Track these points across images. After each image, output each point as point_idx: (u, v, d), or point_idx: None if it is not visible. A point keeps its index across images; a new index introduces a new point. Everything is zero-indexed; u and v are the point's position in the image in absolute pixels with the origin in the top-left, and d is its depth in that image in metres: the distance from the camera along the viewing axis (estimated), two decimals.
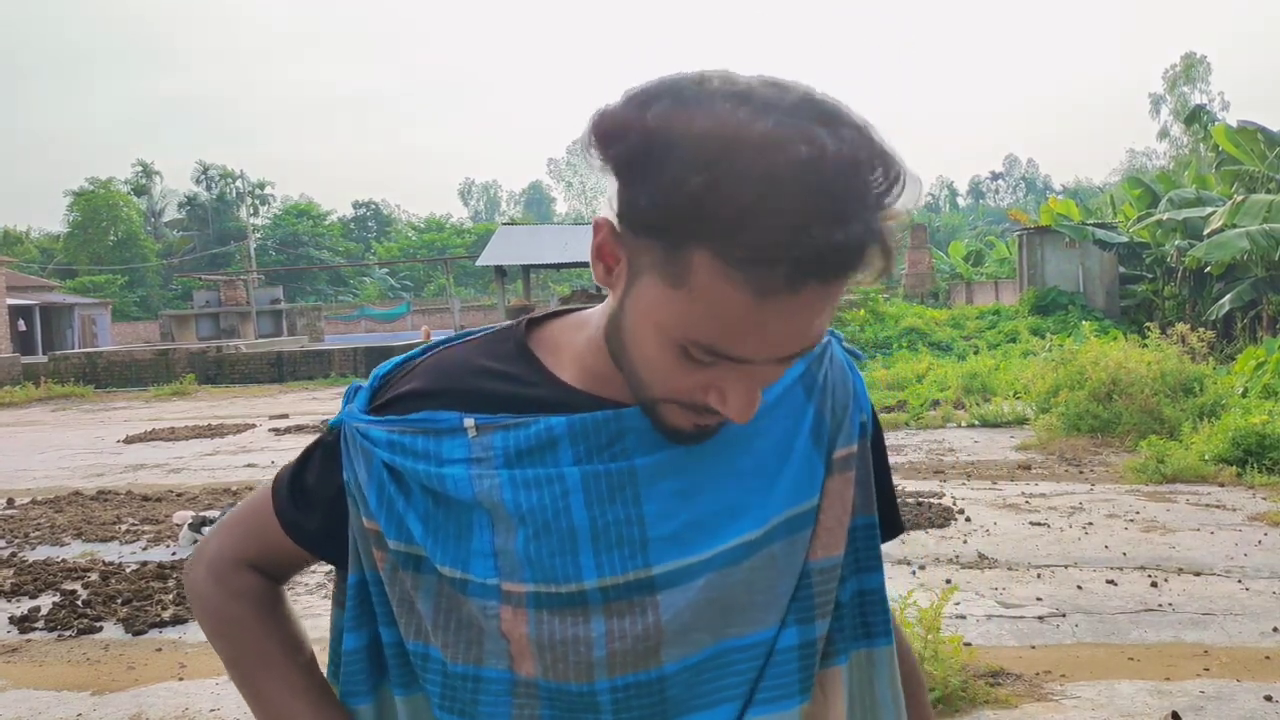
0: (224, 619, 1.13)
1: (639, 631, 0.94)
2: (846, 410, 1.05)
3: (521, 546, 0.95)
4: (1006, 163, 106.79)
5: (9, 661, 5.10)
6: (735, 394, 0.88)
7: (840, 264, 0.79)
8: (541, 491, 0.95)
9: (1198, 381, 10.78)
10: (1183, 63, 54.25)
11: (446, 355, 1.05)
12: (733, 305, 0.80)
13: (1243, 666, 4.34)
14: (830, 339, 1.06)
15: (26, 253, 60.83)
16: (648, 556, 0.95)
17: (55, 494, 9.77)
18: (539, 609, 0.95)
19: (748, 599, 0.97)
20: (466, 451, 0.96)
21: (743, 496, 0.98)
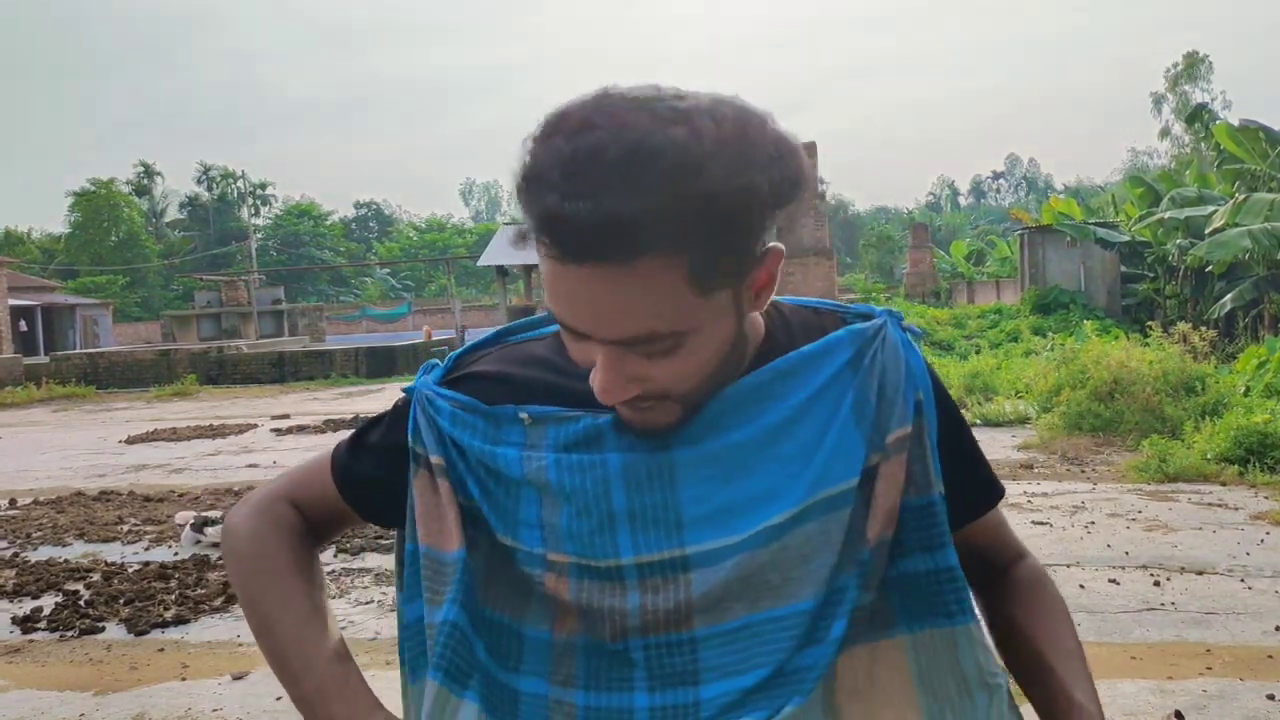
0: (252, 545, 1.15)
1: (671, 605, 0.99)
2: (899, 390, 1.04)
3: (566, 523, 1.01)
4: (1008, 162, 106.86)
5: (11, 662, 5.10)
6: (598, 368, 0.94)
7: (578, 238, 0.84)
8: (585, 475, 1.01)
9: (1199, 380, 10.77)
10: (1184, 61, 54.18)
11: (516, 346, 1.13)
12: (547, 273, 0.90)
13: (1245, 666, 4.33)
14: (887, 319, 1.08)
15: (28, 253, 60.84)
16: (682, 537, 1.00)
17: (57, 494, 9.77)
18: (580, 578, 1.01)
19: (780, 576, 1.00)
20: (521, 438, 1.04)
21: (781, 481, 1.00)
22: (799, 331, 1.08)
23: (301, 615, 1.11)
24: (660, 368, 0.94)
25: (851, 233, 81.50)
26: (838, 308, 1.13)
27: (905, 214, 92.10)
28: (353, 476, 1.15)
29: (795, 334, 1.07)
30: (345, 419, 15.34)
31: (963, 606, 1.07)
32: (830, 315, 1.11)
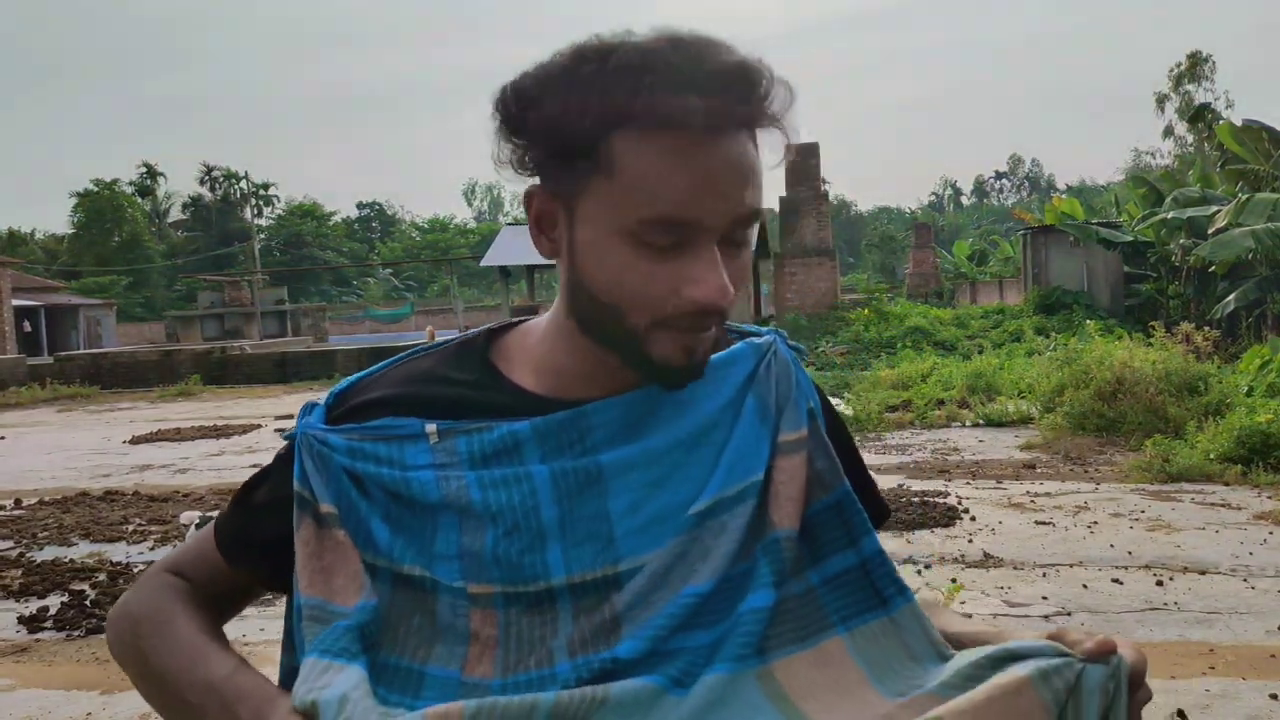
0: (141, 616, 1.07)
1: (597, 625, 0.96)
2: (789, 398, 1.06)
3: (491, 546, 0.96)
4: (1010, 162, 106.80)
5: (18, 661, 5.12)
6: (705, 271, 0.92)
7: (731, 92, 0.88)
8: (510, 490, 0.97)
9: (1202, 380, 10.77)
10: (1188, 61, 54.10)
11: (411, 365, 1.08)
12: (664, 163, 0.88)
13: (1248, 665, 4.34)
14: (775, 339, 1.11)
15: (31, 254, 60.90)
16: (616, 551, 0.97)
17: (62, 494, 9.79)
18: (508, 608, 0.96)
19: (687, 568, 0.98)
20: (430, 458, 0.99)
21: (700, 483, 1.00)
22: None
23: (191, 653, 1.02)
24: (735, 266, 0.95)
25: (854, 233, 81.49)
26: (728, 326, 1.13)
27: (908, 214, 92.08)
28: (242, 542, 1.08)
29: None
30: None
31: (899, 588, 1.03)
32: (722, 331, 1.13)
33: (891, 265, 59.55)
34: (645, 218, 0.90)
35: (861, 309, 23.60)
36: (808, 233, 25.02)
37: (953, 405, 12.91)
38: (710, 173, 0.89)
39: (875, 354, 19.98)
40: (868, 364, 18.78)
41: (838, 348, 20.67)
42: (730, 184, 0.90)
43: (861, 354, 20.25)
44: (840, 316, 23.33)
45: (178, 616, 1.05)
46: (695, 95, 0.87)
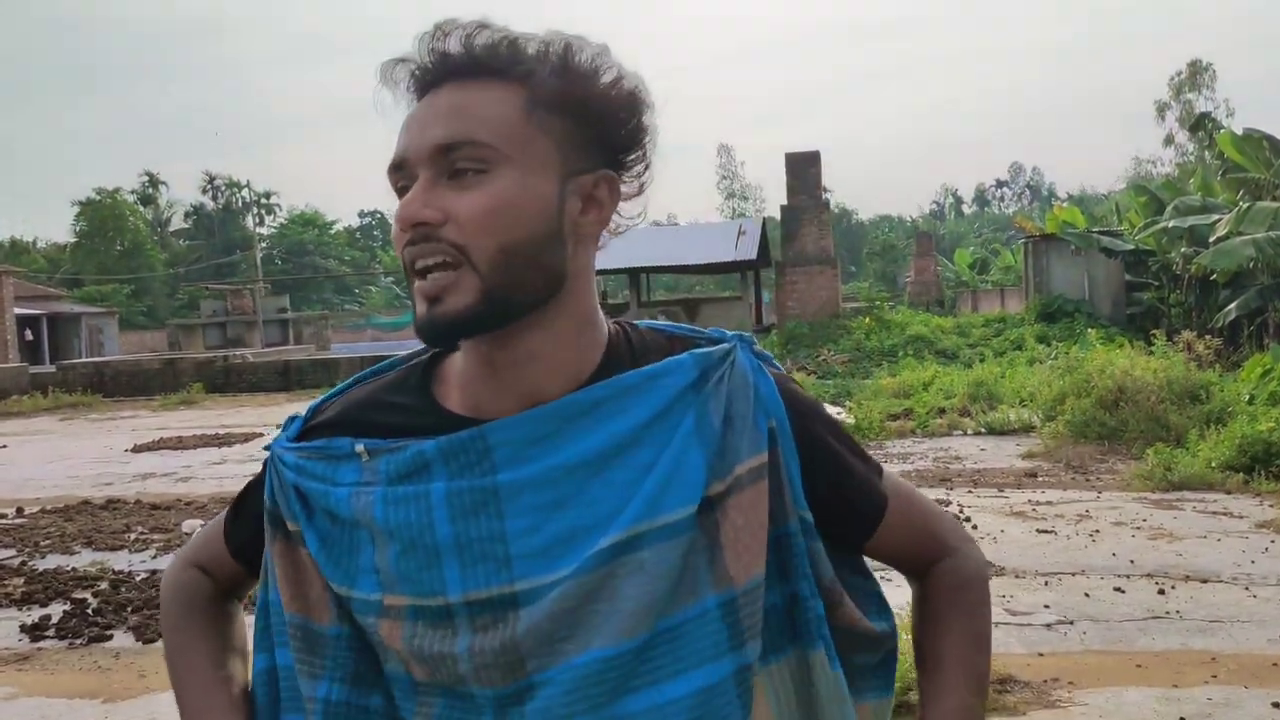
0: (165, 612, 1.22)
1: (498, 646, 0.96)
2: (747, 419, 1.01)
3: (393, 561, 0.99)
4: (1011, 170, 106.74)
5: (21, 670, 5.12)
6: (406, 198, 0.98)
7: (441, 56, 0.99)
8: (408, 508, 0.99)
9: (1204, 389, 10.79)
10: (1188, 69, 54.19)
11: (357, 391, 1.12)
12: (401, 128, 1.01)
13: (1250, 673, 4.34)
14: (737, 345, 1.06)
15: (33, 262, 60.90)
16: (511, 572, 0.97)
17: (64, 503, 9.80)
18: (415, 621, 0.99)
19: (611, 608, 0.95)
20: (358, 476, 1.03)
21: (615, 508, 0.97)
22: (642, 352, 1.05)
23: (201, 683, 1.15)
24: (465, 198, 0.95)
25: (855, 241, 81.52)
26: (692, 333, 1.10)
27: (909, 222, 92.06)
28: (240, 541, 1.17)
29: (638, 354, 1.05)
30: None
31: (819, 630, 1.05)
32: (682, 340, 1.08)
33: (893, 274, 59.54)
34: (386, 170, 1.01)
35: (863, 317, 23.62)
36: (809, 241, 25.05)
37: (954, 414, 12.91)
38: (415, 117, 0.99)
39: (877, 362, 19.99)
40: (869, 372, 18.80)
41: (839, 356, 20.68)
42: (428, 121, 0.98)
43: (863, 362, 20.27)
44: (842, 325, 23.34)
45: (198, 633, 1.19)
46: (409, 64, 1.01)
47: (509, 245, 0.95)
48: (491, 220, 0.95)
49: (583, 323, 1.03)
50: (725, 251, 25.23)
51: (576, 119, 0.99)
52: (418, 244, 0.95)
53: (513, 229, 0.95)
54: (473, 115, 0.96)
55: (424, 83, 1.01)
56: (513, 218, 0.95)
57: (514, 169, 0.96)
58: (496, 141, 0.95)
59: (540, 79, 0.98)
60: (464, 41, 0.98)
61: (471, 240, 0.94)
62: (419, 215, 0.95)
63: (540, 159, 0.97)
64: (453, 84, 0.98)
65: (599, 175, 1.01)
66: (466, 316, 0.95)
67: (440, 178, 0.96)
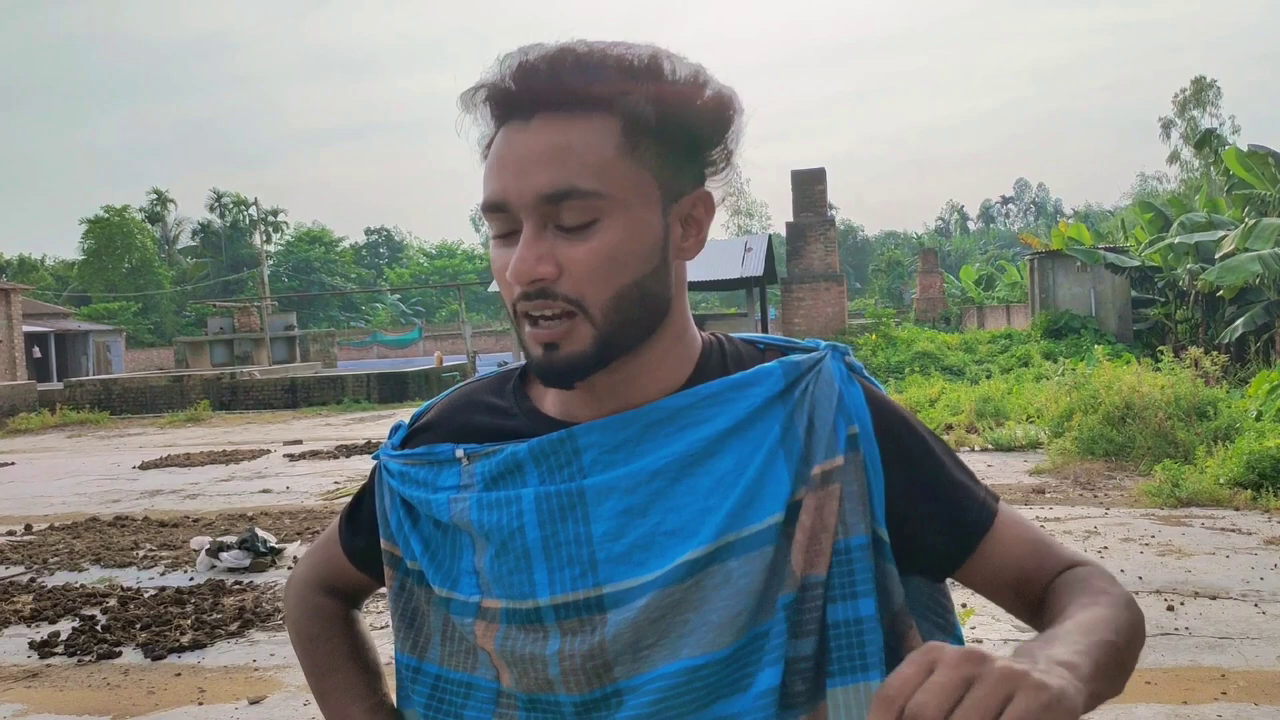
0: (301, 635, 1.25)
1: (586, 650, 0.97)
2: (828, 423, 1.00)
3: (489, 564, 1.02)
4: (1017, 187, 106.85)
5: (29, 686, 5.13)
6: (518, 251, 0.94)
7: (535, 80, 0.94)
8: (501, 512, 1.01)
9: (1211, 405, 10.76)
10: (1193, 86, 54.30)
11: (458, 393, 1.15)
12: (491, 153, 0.97)
13: (1260, 690, 4.33)
14: (829, 353, 1.05)
15: (42, 280, 61.22)
16: (598, 576, 0.98)
17: (73, 520, 9.83)
18: (509, 624, 1.01)
19: (699, 618, 0.96)
20: (458, 479, 1.05)
21: (698, 515, 0.97)
22: (735, 362, 1.06)
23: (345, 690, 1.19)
24: (578, 250, 0.93)
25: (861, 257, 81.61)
26: (786, 343, 1.10)
27: (914, 239, 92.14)
28: (359, 551, 1.20)
29: (730, 364, 1.05)
30: (357, 444, 15.39)
31: (866, 663, 0.99)
32: (774, 350, 1.08)
33: (899, 290, 59.53)
34: (481, 206, 0.98)
35: (869, 333, 23.64)
36: (815, 258, 25.10)
37: (961, 430, 12.89)
38: (509, 155, 0.94)
39: (883, 378, 19.98)
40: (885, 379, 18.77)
41: None
42: (527, 163, 0.93)
43: None
44: (848, 341, 23.35)
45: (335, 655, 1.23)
46: (499, 88, 0.95)
47: (623, 291, 0.95)
48: (605, 270, 0.94)
49: (677, 337, 1.03)
50: (731, 268, 25.24)
51: (672, 142, 0.97)
52: (533, 299, 0.94)
53: (625, 273, 0.95)
54: (574, 159, 0.92)
55: (508, 109, 0.96)
56: (624, 263, 0.95)
57: (621, 211, 0.94)
58: (602, 187, 0.93)
59: (635, 108, 0.94)
60: (553, 70, 0.93)
61: (586, 292, 0.94)
62: (535, 272, 0.93)
63: (644, 194, 0.95)
64: (545, 116, 0.94)
65: (696, 195, 1.00)
66: (584, 362, 0.96)
67: (547, 225, 0.94)
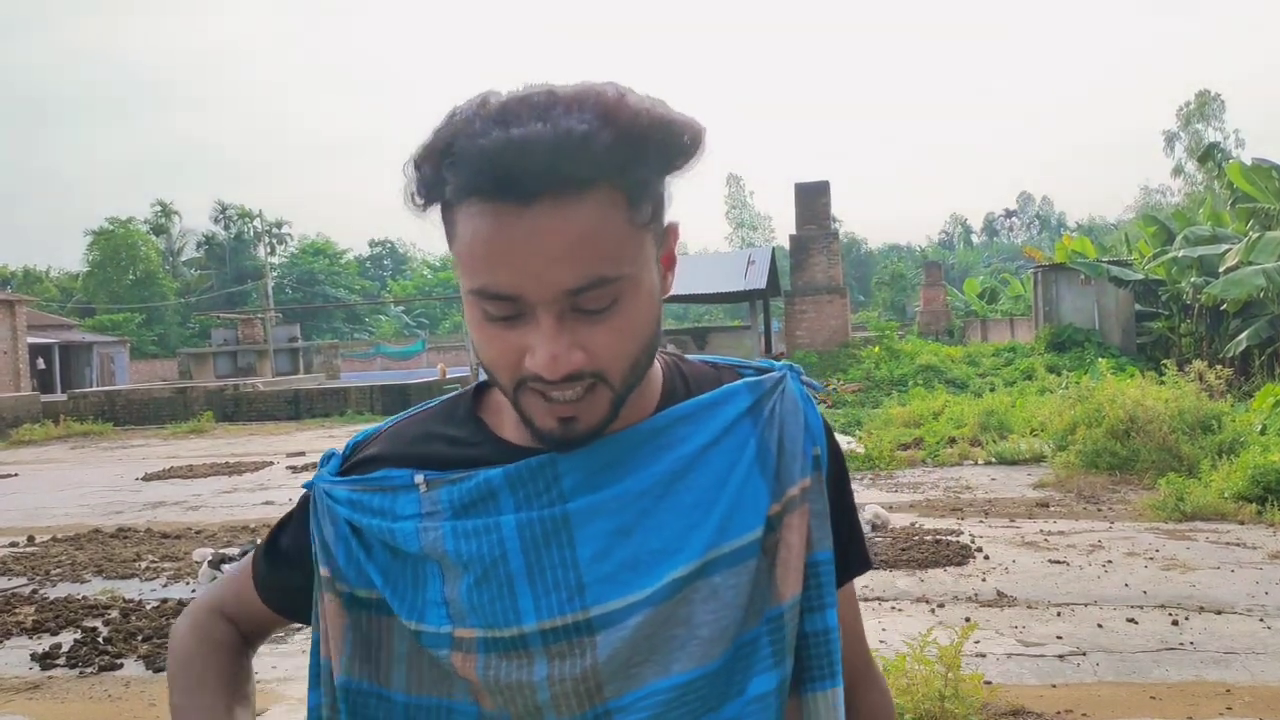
0: (181, 651, 1.18)
1: (578, 673, 0.96)
2: (797, 443, 1.04)
3: (465, 594, 0.98)
4: (1020, 200, 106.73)
5: (31, 699, 5.12)
6: (539, 341, 0.89)
7: (534, 163, 0.83)
8: (480, 540, 0.98)
9: (1216, 419, 10.75)
10: (1196, 100, 54.37)
11: (404, 424, 1.11)
12: (477, 235, 0.87)
13: (1266, 706, 4.31)
14: (787, 374, 1.09)
15: (46, 291, 61.34)
16: (585, 599, 0.97)
17: (75, 531, 9.82)
18: (488, 653, 0.98)
19: (688, 633, 0.97)
20: (418, 507, 1.01)
21: (682, 532, 0.98)
22: (695, 382, 1.08)
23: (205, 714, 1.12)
24: (600, 331, 0.91)
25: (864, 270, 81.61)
26: (737, 363, 1.13)
27: (918, 251, 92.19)
28: (271, 584, 1.15)
29: (692, 385, 1.07)
30: None
31: (835, 669, 1.06)
32: (728, 370, 1.11)
33: (902, 303, 59.53)
34: (471, 289, 0.90)
35: (872, 346, 23.63)
36: (818, 270, 25.10)
37: (965, 443, 12.87)
38: (517, 246, 0.86)
39: (886, 391, 19.97)
40: (879, 401, 18.78)
41: (849, 385, 20.66)
42: (545, 258, 0.86)
43: (873, 391, 20.25)
44: (851, 354, 23.35)
45: (212, 686, 1.15)
46: (493, 164, 0.84)
47: (638, 354, 0.95)
48: (627, 343, 0.94)
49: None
50: (734, 281, 25.24)
51: (659, 192, 0.95)
52: (559, 384, 0.91)
53: (641, 338, 0.95)
54: (594, 248, 0.88)
55: (499, 189, 0.86)
56: (641, 333, 0.95)
57: (635, 286, 0.93)
58: (622, 270, 0.90)
59: (634, 177, 0.89)
60: (556, 151, 0.84)
61: (610, 366, 0.93)
62: (571, 365, 0.90)
63: (648, 259, 0.94)
64: (550, 201, 0.85)
65: (670, 231, 1.00)
66: (602, 428, 0.95)
67: (566, 312, 0.90)
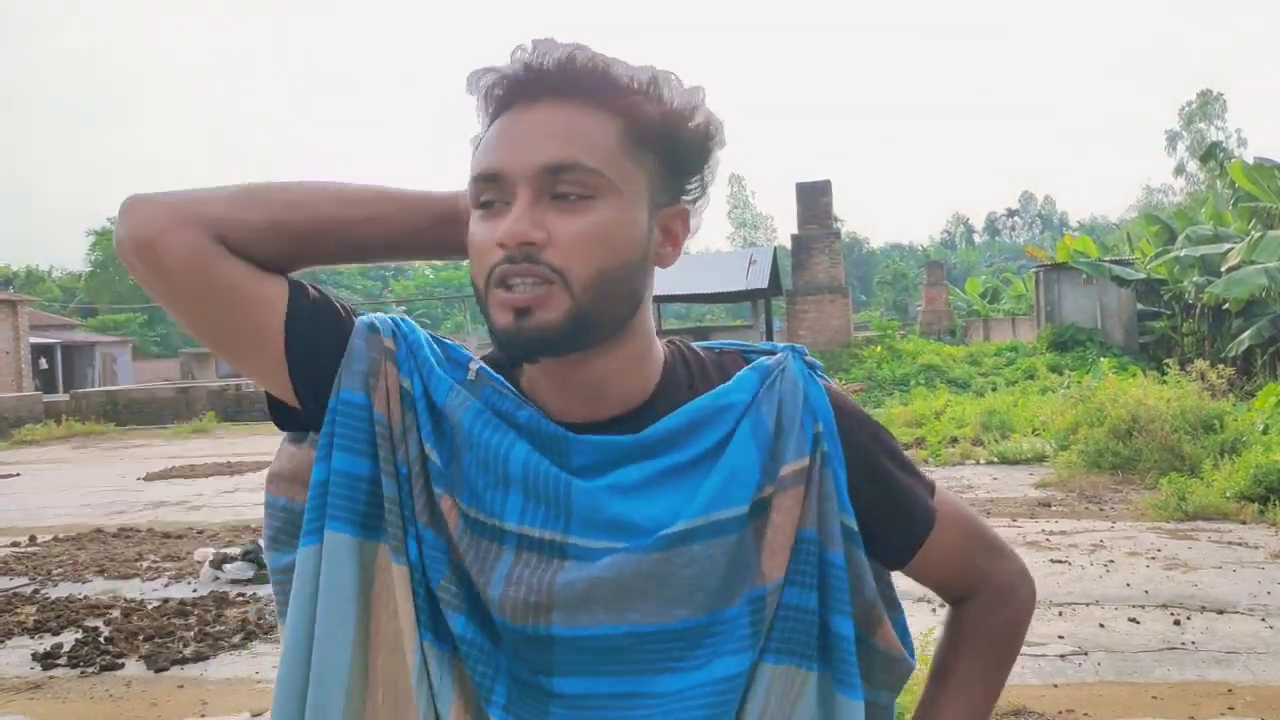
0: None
1: (533, 584, 0.98)
2: (795, 421, 1.04)
3: (467, 467, 1.02)
4: (1023, 200, 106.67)
5: (32, 699, 5.12)
6: (510, 216, 0.96)
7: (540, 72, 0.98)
8: (494, 434, 1.01)
9: (1218, 418, 10.73)
10: (1198, 99, 54.36)
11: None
12: (489, 132, 1.00)
13: (1268, 705, 4.30)
14: (789, 354, 1.10)
15: (48, 292, 61.38)
16: (569, 525, 0.99)
17: (77, 531, 9.82)
18: (466, 524, 1.01)
19: (655, 590, 0.98)
20: (461, 376, 1.05)
21: (678, 502, 1.00)
22: (699, 369, 1.10)
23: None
24: (569, 222, 0.95)
25: (866, 270, 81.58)
26: (740, 347, 1.15)
27: (920, 251, 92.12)
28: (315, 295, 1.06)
29: (695, 372, 1.10)
30: None
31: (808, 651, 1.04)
32: (732, 355, 1.13)
33: (904, 302, 59.51)
34: (471, 177, 1.00)
35: (874, 346, 23.60)
36: (820, 270, 25.07)
37: (966, 443, 12.87)
38: (512, 130, 0.98)
39: (888, 391, 19.97)
40: (881, 401, 18.77)
41: (851, 385, 20.65)
42: (532, 138, 0.97)
43: (875, 391, 20.24)
44: (853, 353, 23.32)
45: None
46: (504, 75, 0.99)
47: (606, 271, 0.97)
48: (594, 247, 0.96)
49: (644, 347, 1.06)
50: (736, 280, 25.24)
51: (665, 154, 1.01)
52: (518, 263, 0.95)
53: (611, 256, 0.98)
54: (580, 139, 0.97)
55: (514, 95, 1.00)
56: (612, 245, 0.98)
57: (616, 197, 0.98)
58: (603, 169, 0.97)
59: (639, 112, 0.99)
60: (565, 60, 0.97)
61: (572, 264, 0.96)
62: (529, 235, 0.95)
63: (636, 189, 1.00)
64: (551, 102, 0.98)
65: (677, 209, 1.05)
66: (554, 334, 0.96)
67: (542, 197, 0.96)
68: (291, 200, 1.04)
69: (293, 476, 1.07)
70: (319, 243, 1.05)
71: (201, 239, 0.99)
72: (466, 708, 1.00)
